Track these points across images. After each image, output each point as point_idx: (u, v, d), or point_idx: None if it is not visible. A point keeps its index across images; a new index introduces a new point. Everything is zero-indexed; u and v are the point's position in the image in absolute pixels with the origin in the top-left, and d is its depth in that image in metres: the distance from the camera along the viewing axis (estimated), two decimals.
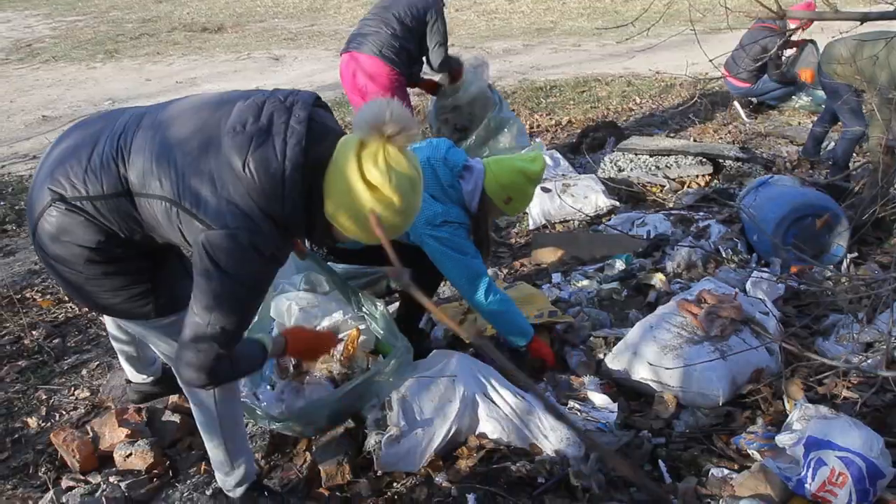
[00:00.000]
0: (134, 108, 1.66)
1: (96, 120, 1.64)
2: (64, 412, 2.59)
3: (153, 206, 1.48)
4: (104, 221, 1.52)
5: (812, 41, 5.42)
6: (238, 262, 1.42)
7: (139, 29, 10.74)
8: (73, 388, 2.72)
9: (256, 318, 2.33)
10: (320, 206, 1.46)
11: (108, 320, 2.24)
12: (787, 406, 2.17)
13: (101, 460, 2.28)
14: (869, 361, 2.28)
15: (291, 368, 2.29)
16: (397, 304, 3.00)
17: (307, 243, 2.38)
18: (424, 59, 3.95)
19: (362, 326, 2.37)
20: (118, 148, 1.50)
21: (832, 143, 4.76)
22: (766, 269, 2.96)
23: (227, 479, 1.94)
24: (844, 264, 3.04)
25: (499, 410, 2.10)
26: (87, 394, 2.68)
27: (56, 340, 3.04)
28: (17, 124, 6.38)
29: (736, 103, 5.64)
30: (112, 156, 1.50)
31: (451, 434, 2.05)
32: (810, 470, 1.79)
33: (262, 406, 2.18)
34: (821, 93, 4.88)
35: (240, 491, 1.95)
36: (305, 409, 2.13)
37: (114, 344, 2.31)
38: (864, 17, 1.53)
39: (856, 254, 3.12)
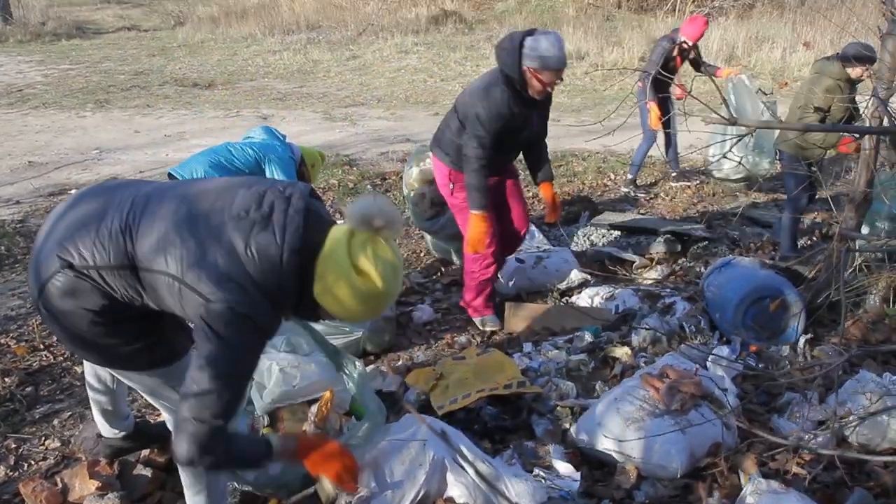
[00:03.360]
0: (137, 182, 1.82)
1: (101, 192, 1.77)
2: (33, 462, 2.59)
3: (157, 280, 1.61)
4: (108, 289, 1.65)
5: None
6: (235, 332, 1.54)
7: (130, 81, 10.95)
8: (43, 438, 2.72)
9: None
10: (310, 287, 1.61)
11: (87, 370, 2.29)
12: (742, 480, 2.26)
13: None
14: (819, 439, 2.40)
15: None
16: (372, 366, 3.08)
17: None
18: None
19: (339, 388, 2.44)
20: (126, 224, 1.64)
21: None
22: (726, 346, 3.10)
23: None
24: (800, 345, 3.20)
25: (467, 476, 2.16)
26: (58, 444, 2.68)
27: (29, 388, 3.05)
28: (2, 169, 6.44)
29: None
30: (120, 230, 1.63)
31: (419, 497, 2.10)
32: None
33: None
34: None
35: None
36: (282, 476, 2.19)
37: (90, 394, 2.34)
38: (806, 129, 1.71)
39: (811, 335, 3.28)
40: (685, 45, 5.46)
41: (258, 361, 1.68)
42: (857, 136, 3.71)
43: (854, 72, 3.94)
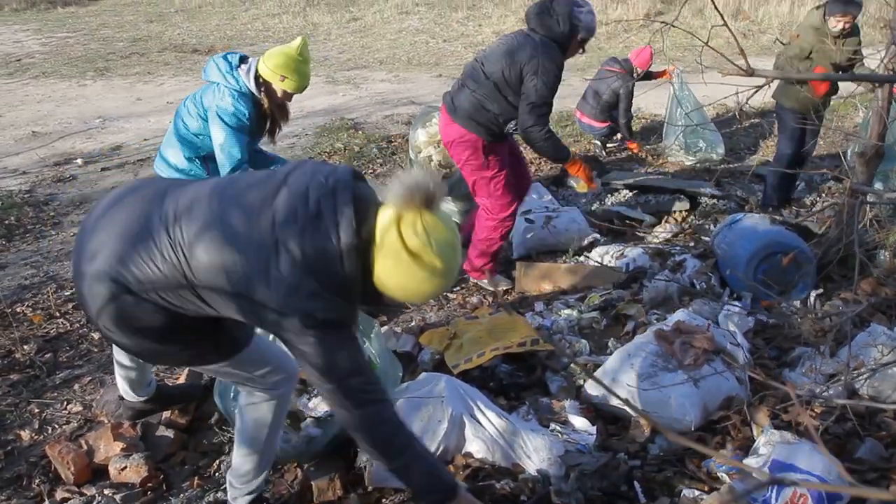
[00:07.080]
0: (169, 182, 1.77)
1: (133, 200, 1.71)
2: (57, 426, 2.64)
3: (222, 297, 1.59)
4: (173, 306, 1.64)
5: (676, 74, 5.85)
6: (322, 332, 1.55)
7: (129, 48, 10.82)
8: (65, 403, 2.76)
9: None
10: (371, 277, 1.57)
11: (115, 348, 2.31)
12: (755, 432, 2.30)
13: (96, 473, 2.34)
14: (831, 392, 2.42)
15: None
16: (385, 327, 3.11)
17: None
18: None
19: None
20: (176, 241, 1.59)
21: (802, 184, 4.99)
22: (737, 302, 3.11)
23: (243, 488, 2.04)
24: (811, 300, 3.21)
25: (484, 431, 2.20)
26: (80, 408, 2.73)
27: (48, 355, 3.08)
28: (6, 139, 6.41)
29: (595, 140, 5.94)
30: (171, 248, 1.59)
31: (438, 453, 2.14)
32: (774, 491, 1.91)
33: None
34: None
35: (246, 500, 2.04)
36: (309, 448, 2.25)
37: (117, 369, 2.38)
38: (825, 77, 1.69)
39: (821, 290, 3.29)
40: (638, 74, 5.66)
41: (356, 336, 1.66)
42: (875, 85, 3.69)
43: (832, 22, 3.94)
